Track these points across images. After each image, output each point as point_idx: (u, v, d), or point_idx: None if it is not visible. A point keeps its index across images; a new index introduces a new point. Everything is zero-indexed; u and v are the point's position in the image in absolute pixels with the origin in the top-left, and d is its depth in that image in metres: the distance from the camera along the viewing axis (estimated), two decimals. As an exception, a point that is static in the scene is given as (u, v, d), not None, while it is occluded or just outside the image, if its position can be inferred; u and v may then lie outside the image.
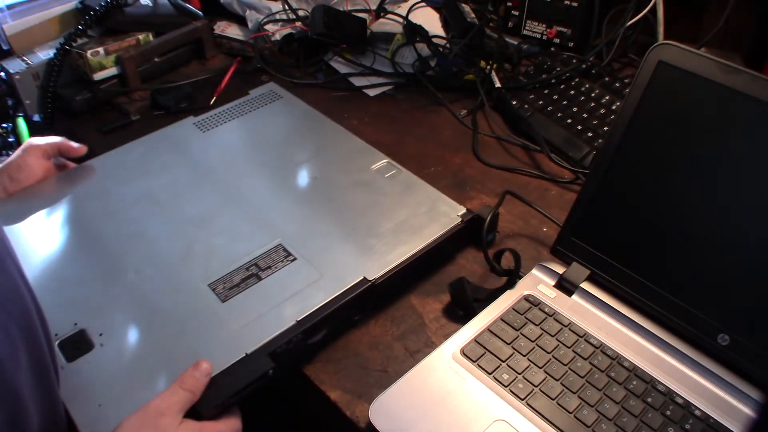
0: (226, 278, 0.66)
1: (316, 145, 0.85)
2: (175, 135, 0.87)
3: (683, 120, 0.59)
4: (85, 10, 1.05)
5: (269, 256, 0.68)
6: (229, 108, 0.92)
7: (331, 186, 0.78)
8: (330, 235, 0.71)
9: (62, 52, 1.00)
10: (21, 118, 1.09)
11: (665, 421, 0.55)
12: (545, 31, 1.11)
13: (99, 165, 0.82)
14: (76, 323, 0.62)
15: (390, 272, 0.66)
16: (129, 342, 0.60)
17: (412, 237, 0.70)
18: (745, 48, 1.02)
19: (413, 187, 0.77)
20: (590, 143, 0.88)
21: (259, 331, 0.60)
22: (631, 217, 0.63)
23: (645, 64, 0.61)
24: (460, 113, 0.99)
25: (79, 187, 0.78)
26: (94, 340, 0.60)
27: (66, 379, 0.57)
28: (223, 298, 0.64)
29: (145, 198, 0.76)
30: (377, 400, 0.57)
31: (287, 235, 0.70)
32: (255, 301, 0.63)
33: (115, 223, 0.73)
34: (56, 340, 0.60)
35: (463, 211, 0.73)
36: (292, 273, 0.66)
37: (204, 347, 0.59)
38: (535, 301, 0.65)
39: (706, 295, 0.59)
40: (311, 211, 0.74)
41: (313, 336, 0.62)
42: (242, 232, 0.71)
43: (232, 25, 1.18)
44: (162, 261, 0.68)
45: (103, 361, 0.59)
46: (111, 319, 0.62)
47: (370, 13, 1.15)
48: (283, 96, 0.95)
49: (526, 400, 0.57)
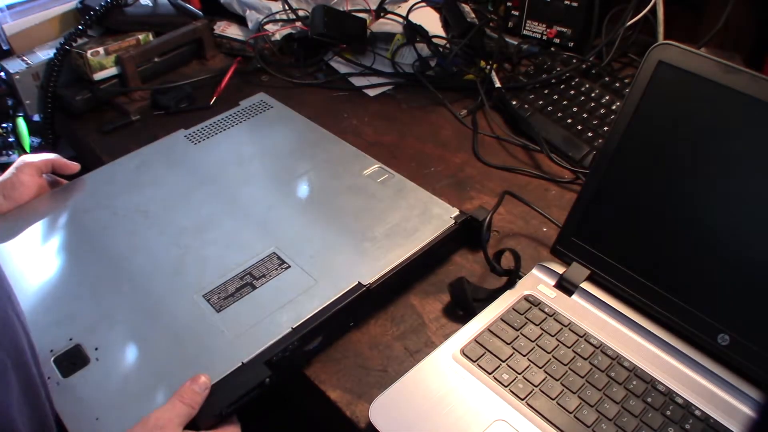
0: (220, 288, 0.66)
1: (307, 153, 0.84)
2: (167, 148, 0.87)
3: (683, 120, 0.59)
4: (85, 10, 1.05)
5: (263, 264, 0.68)
6: (220, 119, 0.92)
7: (324, 192, 0.78)
8: (324, 240, 0.71)
9: (62, 52, 1.00)
10: (21, 118, 1.09)
11: (665, 421, 0.55)
12: (545, 31, 1.11)
13: (91, 180, 0.82)
14: (71, 338, 0.61)
15: (384, 276, 0.66)
16: (125, 355, 0.60)
17: (405, 240, 0.70)
18: (745, 48, 1.03)
19: (406, 191, 0.77)
20: (590, 143, 0.88)
21: (254, 339, 0.60)
22: (631, 217, 0.63)
23: (645, 64, 0.61)
24: (460, 113, 0.99)
25: (73, 203, 0.78)
26: (89, 355, 0.60)
27: (62, 394, 0.57)
28: (218, 308, 0.64)
29: (138, 211, 0.76)
30: (377, 400, 0.57)
31: (281, 242, 0.70)
32: (250, 310, 0.63)
33: (108, 236, 0.73)
34: (52, 356, 0.60)
35: (456, 213, 0.73)
36: (286, 280, 0.66)
37: (200, 358, 0.59)
38: (535, 301, 0.65)
39: (706, 295, 0.59)
40: (304, 218, 0.74)
41: (309, 343, 0.62)
42: (236, 241, 0.71)
43: (232, 25, 1.18)
44: (156, 273, 0.68)
45: (99, 375, 0.59)
46: (106, 333, 0.62)
47: (370, 13, 1.15)
48: (273, 106, 0.95)
49: (526, 400, 0.57)
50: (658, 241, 0.62)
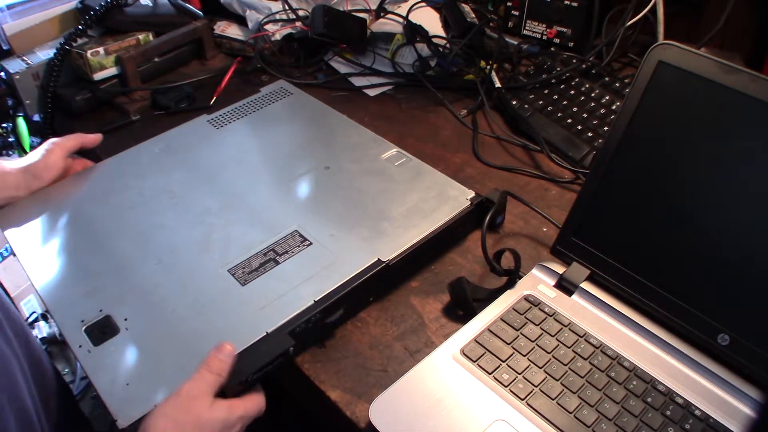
0: (244, 263, 0.68)
1: (326, 138, 0.87)
2: (190, 132, 0.90)
3: (683, 120, 0.59)
4: (85, 10, 1.05)
5: (285, 241, 0.70)
6: (241, 105, 0.95)
7: (343, 175, 0.80)
8: (344, 220, 0.73)
9: (62, 52, 1.00)
10: (21, 118, 1.09)
11: (665, 421, 0.55)
12: (545, 31, 1.11)
13: (117, 162, 0.85)
14: (101, 309, 0.64)
15: (403, 253, 0.68)
16: (153, 325, 0.63)
17: (423, 220, 0.72)
18: (745, 48, 1.02)
19: (423, 174, 0.79)
20: (590, 143, 0.88)
21: (278, 311, 0.63)
22: (631, 217, 0.63)
23: (645, 64, 0.61)
24: (460, 113, 0.99)
25: (99, 184, 0.81)
26: (119, 325, 0.63)
27: (93, 361, 0.60)
28: (242, 282, 0.66)
29: (163, 192, 0.79)
30: (377, 400, 0.57)
31: (302, 221, 0.73)
32: (273, 283, 0.66)
33: (135, 215, 0.76)
34: (82, 326, 0.63)
35: (472, 195, 0.75)
36: (308, 257, 0.69)
37: (226, 328, 0.62)
38: (535, 301, 0.65)
39: (706, 295, 0.59)
40: (325, 199, 0.76)
41: (331, 315, 0.65)
42: (259, 220, 0.74)
43: (232, 25, 1.18)
44: (182, 250, 0.71)
45: (129, 343, 0.61)
46: (135, 305, 0.65)
47: (370, 13, 1.15)
48: (293, 92, 0.97)
49: (526, 400, 0.57)
50: (658, 241, 0.62)
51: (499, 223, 0.78)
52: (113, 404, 0.56)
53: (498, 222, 0.77)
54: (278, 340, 0.60)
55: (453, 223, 0.72)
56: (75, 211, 0.77)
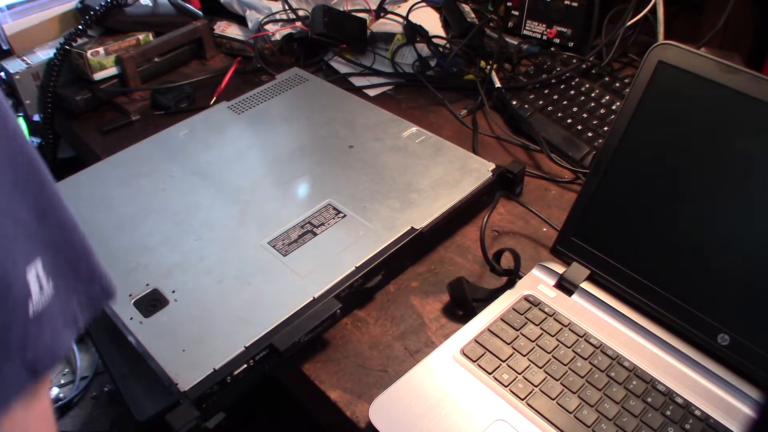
0: (283, 236, 0.71)
1: (347, 119, 0.90)
2: (212, 117, 0.92)
3: (683, 120, 0.59)
4: (85, 10, 1.05)
5: (320, 214, 0.73)
6: (259, 92, 0.97)
7: (368, 153, 0.83)
8: (374, 193, 0.76)
9: (62, 52, 1.00)
10: (21, 118, 1.09)
11: (665, 421, 0.55)
12: (545, 31, 1.11)
13: (144, 147, 0.86)
14: (147, 284, 0.66)
15: (434, 221, 0.72)
16: (202, 295, 0.65)
17: (449, 191, 0.76)
18: (745, 48, 1.02)
19: (444, 149, 0.83)
20: (590, 143, 0.88)
21: (322, 277, 0.66)
22: (631, 217, 0.63)
23: (645, 64, 0.61)
24: (460, 113, 0.99)
25: (128, 169, 0.82)
26: (168, 297, 0.65)
27: (146, 331, 0.62)
28: (283, 252, 0.69)
29: (194, 173, 0.81)
30: (377, 400, 0.57)
31: (334, 196, 0.76)
32: (314, 253, 0.69)
33: (169, 197, 0.78)
34: (131, 299, 0.65)
35: (493, 167, 0.79)
36: (344, 227, 0.72)
37: (272, 295, 0.64)
38: (535, 301, 0.65)
39: (706, 295, 0.59)
40: (353, 175, 0.80)
41: (371, 279, 0.68)
42: (291, 196, 0.77)
43: (232, 25, 1.18)
44: (219, 226, 0.73)
45: (180, 313, 0.63)
46: (181, 278, 0.67)
47: (370, 13, 1.15)
48: (309, 79, 1.00)
49: (526, 400, 0.57)
50: (658, 241, 0.62)
51: (518, 193, 0.82)
52: (172, 369, 0.57)
53: (517, 192, 0.82)
54: (326, 303, 0.63)
55: (477, 193, 0.76)
56: (107, 195, 0.78)
